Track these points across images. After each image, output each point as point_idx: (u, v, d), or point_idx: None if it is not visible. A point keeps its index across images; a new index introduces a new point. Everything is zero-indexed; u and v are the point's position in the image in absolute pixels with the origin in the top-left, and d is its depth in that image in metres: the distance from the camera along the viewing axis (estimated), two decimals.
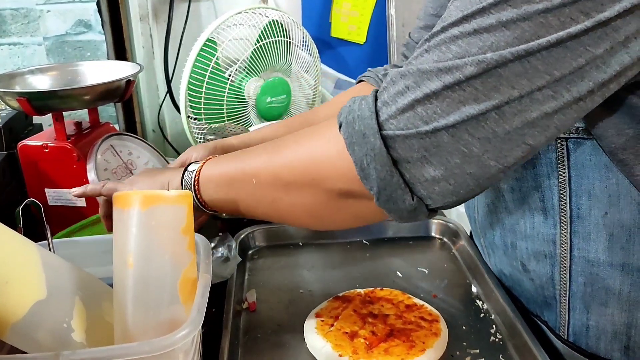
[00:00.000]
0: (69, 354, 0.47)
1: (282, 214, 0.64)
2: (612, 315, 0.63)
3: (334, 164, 0.56)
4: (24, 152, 0.96)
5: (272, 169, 0.61)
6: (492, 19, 0.47)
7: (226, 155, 0.68)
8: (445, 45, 0.49)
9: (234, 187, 0.64)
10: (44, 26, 1.37)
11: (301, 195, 0.59)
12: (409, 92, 0.51)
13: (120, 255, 0.56)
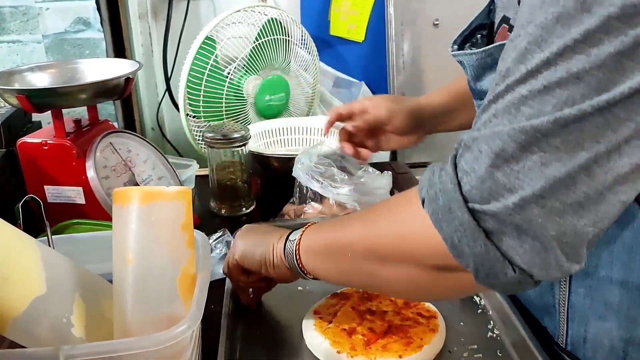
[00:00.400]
0: (69, 348, 0.47)
1: (380, 286, 0.63)
2: (610, 329, 0.62)
3: (424, 242, 0.53)
4: (23, 150, 0.96)
5: (366, 242, 0.60)
6: (562, 71, 0.43)
7: (324, 224, 0.68)
8: (514, 107, 0.46)
9: (331, 259, 0.64)
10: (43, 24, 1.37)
11: (397, 269, 0.57)
12: (482, 156, 0.47)
13: (120, 252, 0.57)
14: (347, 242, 0.61)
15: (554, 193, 0.45)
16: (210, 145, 1.08)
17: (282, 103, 1.40)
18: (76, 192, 0.96)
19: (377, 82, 1.60)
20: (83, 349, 0.48)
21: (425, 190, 0.52)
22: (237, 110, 1.34)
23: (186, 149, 1.46)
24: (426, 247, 0.53)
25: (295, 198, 1.06)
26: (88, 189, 0.93)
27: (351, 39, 1.57)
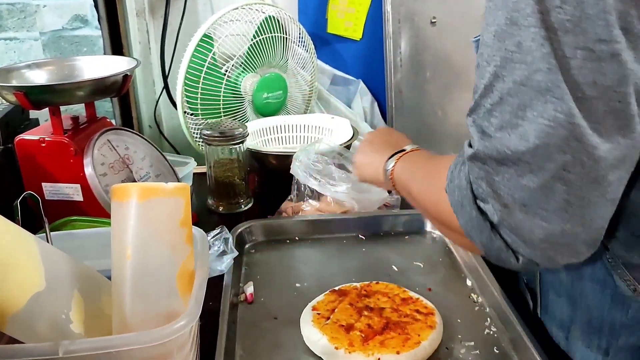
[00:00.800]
0: (68, 343, 0.47)
1: None
2: (562, 305, 0.68)
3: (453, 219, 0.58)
4: (21, 147, 0.96)
5: (420, 206, 0.69)
6: (509, 82, 0.48)
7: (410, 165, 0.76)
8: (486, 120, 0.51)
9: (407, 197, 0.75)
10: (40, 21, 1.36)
11: (446, 231, 0.64)
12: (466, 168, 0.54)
13: (119, 248, 0.57)
14: (414, 194, 0.70)
15: (534, 201, 0.49)
16: (208, 142, 1.08)
17: (280, 101, 1.40)
18: (74, 189, 0.96)
19: (375, 80, 1.60)
20: (82, 344, 0.48)
21: (448, 180, 0.58)
22: (235, 107, 1.34)
23: (184, 146, 1.46)
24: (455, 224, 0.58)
25: (293, 195, 1.06)
26: (86, 186, 0.93)
27: (349, 36, 1.57)
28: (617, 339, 0.62)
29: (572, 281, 0.65)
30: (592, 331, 0.64)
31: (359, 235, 0.98)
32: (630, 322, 0.59)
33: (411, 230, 0.99)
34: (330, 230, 0.99)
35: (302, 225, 0.99)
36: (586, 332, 0.65)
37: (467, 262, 0.88)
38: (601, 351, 0.64)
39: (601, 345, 0.64)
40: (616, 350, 0.62)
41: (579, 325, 0.66)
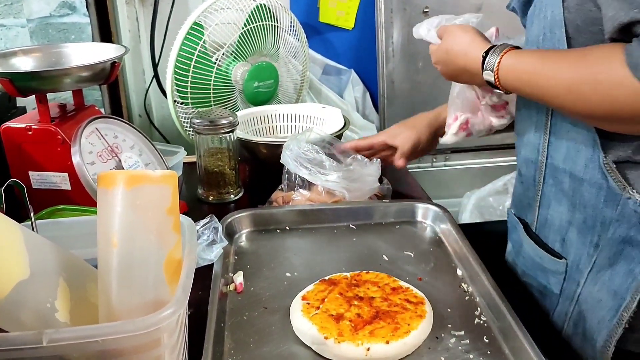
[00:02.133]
0: (52, 332, 0.47)
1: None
2: (562, 212, 0.78)
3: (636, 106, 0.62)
4: (7, 135, 0.94)
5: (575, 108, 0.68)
6: None
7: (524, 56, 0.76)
8: None
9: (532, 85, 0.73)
10: (27, 8, 1.34)
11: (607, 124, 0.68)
12: None
13: (105, 235, 0.56)
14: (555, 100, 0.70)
15: None
16: (198, 131, 1.07)
17: (271, 90, 1.39)
18: (61, 177, 0.95)
19: (367, 70, 1.59)
20: (66, 333, 0.47)
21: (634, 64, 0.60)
22: (226, 97, 1.32)
23: (174, 135, 1.45)
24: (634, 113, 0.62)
25: (283, 185, 1.05)
26: (73, 174, 0.92)
27: (340, 26, 1.57)
28: (606, 232, 0.71)
29: (573, 189, 0.75)
30: (586, 228, 0.74)
31: (350, 225, 0.98)
32: (618, 217, 0.69)
33: (402, 220, 0.99)
34: (321, 220, 0.98)
35: (293, 215, 0.98)
36: (581, 230, 0.75)
37: (457, 252, 0.88)
38: (592, 245, 0.74)
39: (593, 240, 0.74)
40: (605, 242, 0.72)
41: (575, 226, 0.76)
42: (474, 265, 0.82)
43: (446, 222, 0.95)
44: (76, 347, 0.49)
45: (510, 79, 0.76)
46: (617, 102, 0.63)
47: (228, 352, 0.68)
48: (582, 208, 0.74)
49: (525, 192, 0.86)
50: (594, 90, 0.65)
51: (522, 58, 0.76)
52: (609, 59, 0.64)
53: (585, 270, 0.76)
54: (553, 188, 0.79)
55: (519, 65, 0.75)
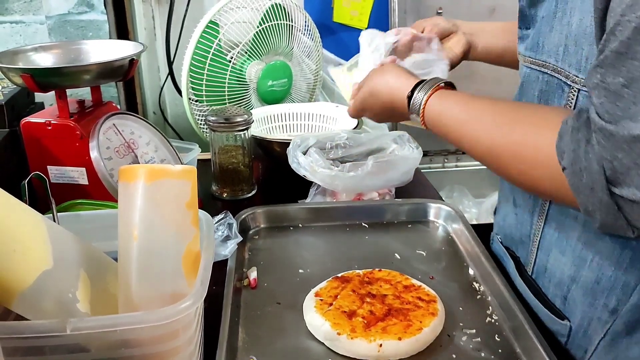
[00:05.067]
0: (76, 321, 0.48)
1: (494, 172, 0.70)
2: (565, 264, 0.69)
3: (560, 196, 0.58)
4: (26, 129, 0.96)
5: (491, 166, 0.66)
6: None
7: (451, 102, 0.72)
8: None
9: (455, 139, 0.71)
10: (46, 5, 1.36)
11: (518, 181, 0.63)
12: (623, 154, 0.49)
13: (126, 228, 0.57)
14: (475, 140, 0.67)
15: None
16: (213, 129, 1.09)
17: (285, 89, 1.40)
18: (79, 172, 0.96)
19: None
20: (89, 322, 0.49)
21: (569, 161, 0.54)
22: (240, 95, 1.34)
23: (187, 132, 1.46)
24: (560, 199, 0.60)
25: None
26: (91, 169, 0.93)
27: (354, 26, 1.58)
28: (628, 297, 0.62)
29: (585, 242, 0.65)
30: (599, 291, 0.64)
31: (362, 223, 0.99)
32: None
33: (414, 219, 1.00)
34: (334, 218, 0.99)
35: (306, 212, 0.99)
36: (589, 291, 0.65)
37: (469, 252, 0.88)
38: (608, 310, 0.64)
39: (609, 305, 0.64)
40: (628, 309, 0.62)
41: (580, 285, 0.66)
42: (486, 264, 0.83)
43: (458, 222, 0.95)
44: (98, 336, 0.50)
45: (436, 125, 0.72)
46: (539, 181, 0.59)
47: (242, 347, 0.69)
48: (595, 267, 0.64)
49: (519, 227, 0.76)
50: (514, 165, 0.61)
51: (448, 103, 0.71)
52: (538, 134, 0.59)
53: (595, 338, 0.66)
54: (556, 234, 0.69)
55: (445, 112, 0.71)
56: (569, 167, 0.54)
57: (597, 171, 0.52)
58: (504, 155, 0.62)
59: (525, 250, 0.76)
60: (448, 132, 0.71)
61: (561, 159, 0.55)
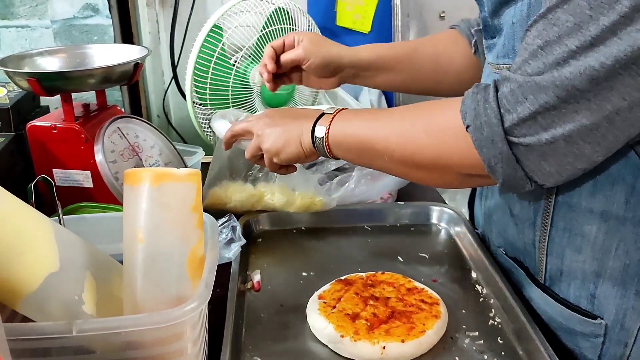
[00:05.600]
0: (82, 322, 0.48)
1: (411, 179, 0.79)
2: (584, 261, 0.68)
3: (463, 158, 0.63)
4: (32, 133, 0.97)
5: (405, 152, 0.68)
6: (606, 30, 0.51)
7: (355, 120, 0.74)
8: (563, 61, 0.54)
9: (365, 157, 0.74)
10: (51, 9, 1.37)
11: (431, 174, 0.69)
12: (527, 103, 0.57)
13: (131, 231, 0.58)
14: (384, 148, 0.70)
15: (580, 134, 0.56)
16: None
17: (288, 93, 1.40)
18: (84, 175, 0.97)
19: None
20: (95, 324, 0.49)
21: (471, 119, 0.61)
22: (243, 98, 1.34)
23: (191, 136, 1.47)
24: (464, 162, 0.64)
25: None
26: (96, 172, 0.94)
27: (357, 29, 1.58)
28: None
29: (606, 232, 0.65)
30: (628, 277, 0.65)
31: (365, 226, 0.99)
32: None
33: (417, 222, 1.00)
34: (336, 221, 0.99)
35: (309, 215, 0.99)
36: (620, 280, 0.65)
37: (471, 254, 0.89)
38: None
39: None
40: None
41: (607, 277, 0.66)
42: (488, 267, 0.83)
43: (461, 225, 0.96)
44: (103, 337, 0.51)
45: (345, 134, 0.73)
46: (446, 145, 0.64)
47: (246, 349, 0.70)
48: (622, 254, 0.64)
49: (521, 236, 0.75)
50: (425, 131, 0.66)
51: (353, 114, 0.75)
52: (445, 105, 0.66)
53: (634, 328, 0.66)
54: (566, 233, 0.68)
55: (352, 120, 0.73)
56: (472, 123, 0.61)
57: (495, 124, 0.59)
58: (414, 128, 0.67)
59: (532, 259, 0.75)
60: (356, 132, 0.73)
61: (464, 119, 0.62)
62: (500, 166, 0.60)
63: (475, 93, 0.62)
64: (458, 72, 0.94)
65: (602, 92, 0.53)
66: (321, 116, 0.76)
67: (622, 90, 0.53)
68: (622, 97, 0.53)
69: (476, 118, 0.60)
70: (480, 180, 0.67)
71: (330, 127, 0.74)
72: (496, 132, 0.59)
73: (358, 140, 0.72)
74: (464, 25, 0.95)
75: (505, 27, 0.68)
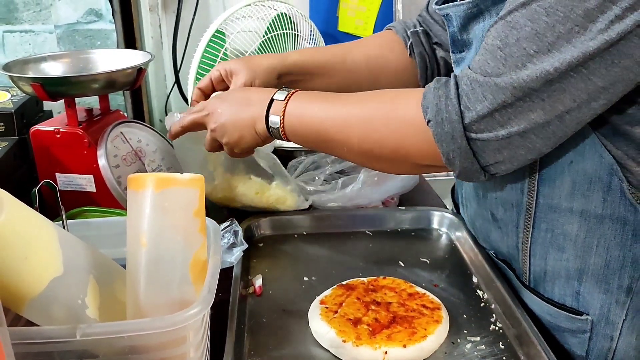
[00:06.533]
0: (85, 327, 0.49)
1: (366, 167, 0.83)
2: (567, 260, 0.70)
3: (423, 151, 0.66)
4: (36, 137, 0.97)
5: (364, 144, 0.70)
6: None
7: (310, 107, 0.74)
8: (520, 63, 0.57)
9: (323, 146, 0.75)
10: (55, 14, 1.38)
11: (390, 164, 0.72)
12: (487, 102, 0.60)
13: (134, 235, 0.58)
14: (343, 139, 0.71)
15: (533, 131, 0.60)
16: None
17: None
18: (87, 180, 0.97)
19: None
20: (99, 328, 0.50)
21: (432, 114, 0.64)
22: None
23: None
24: (424, 155, 0.67)
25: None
26: (99, 177, 0.94)
27: (359, 35, 1.58)
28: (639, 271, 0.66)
29: (586, 230, 0.67)
30: (610, 273, 0.68)
31: (367, 231, 0.99)
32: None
33: (418, 227, 1.00)
34: (338, 226, 1.00)
35: (310, 220, 1.00)
36: (603, 276, 0.68)
37: (472, 259, 0.89)
38: (622, 290, 0.67)
39: (622, 284, 0.67)
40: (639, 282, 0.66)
41: (590, 274, 0.69)
42: (489, 272, 0.83)
43: (461, 230, 0.96)
44: (106, 342, 0.51)
45: (301, 115, 0.73)
46: (406, 138, 0.67)
47: (248, 354, 0.70)
48: (602, 251, 0.67)
49: (505, 239, 0.77)
50: (386, 124, 0.68)
51: (310, 95, 0.74)
52: (405, 98, 0.68)
53: (618, 322, 0.68)
54: (549, 234, 0.70)
55: (311, 100, 0.73)
56: (433, 119, 0.63)
57: (456, 120, 0.62)
58: (377, 118, 0.69)
59: (516, 261, 0.77)
60: (313, 119, 0.72)
61: (425, 114, 0.64)
62: (458, 159, 0.64)
63: (436, 88, 0.64)
64: (395, 72, 0.96)
65: (555, 93, 0.57)
66: (272, 102, 0.75)
67: (574, 92, 0.57)
68: (572, 99, 0.57)
69: (437, 114, 0.63)
70: (436, 169, 0.70)
71: (284, 116, 0.74)
72: (456, 128, 0.62)
73: (315, 129, 0.73)
74: (400, 27, 0.97)
75: (476, 41, 0.70)
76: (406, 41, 0.95)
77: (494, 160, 0.63)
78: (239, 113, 0.78)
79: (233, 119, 0.78)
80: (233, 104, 0.80)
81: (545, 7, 0.55)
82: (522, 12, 0.57)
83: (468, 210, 0.88)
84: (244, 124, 0.77)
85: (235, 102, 0.80)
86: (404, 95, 0.69)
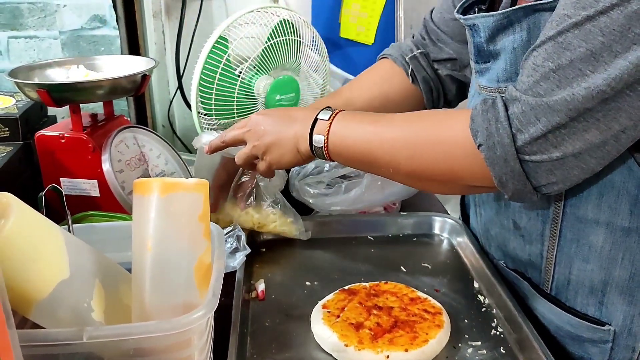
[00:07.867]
0: (92, 329, 0.49)
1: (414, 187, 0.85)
2: (592, 271, 0.70)
3: (473, 174, 0.66)
4: (40, 142, 0.98)
5: (412, 166, 0.69)
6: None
7: (354, 127, 0.73)
8: (573, 80, 0.56)
9: (367, 167, 0.75)
10: (60, 20, 1.39)
11: (440, 185, 0.71)
12: (540, 124, 0.59)
13: (140, 239, 0.59)
14: (390, 161, 0.71)
15: (588, 151, 0.59)
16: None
17: (292, 103, 1.41)
18: (91, 184, 0.98)
19: None
20: (105, 331, 0.50)
21: (483, 138, 0.63)
22: (248, 109, 1.35)
23: None
24: (474, 178, 0.66)
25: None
26: (103, 182, 0.95)
27: (361, 41, 1.59)
28: None
29: (612, 243, 0.67)
30: (635, 285, 0.68)
31: (368, 236, 1.00)
32: None
33: (419, 232, 1.01)
34: (340, 231, 1.00)
35: (312, 225, 1.00)
36: (627, 288, 0.68)
37: (474, 265, 0.90)
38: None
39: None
40: None
41: (615, 285, 0.69)
42: (491, 277, 0.84)
43: (463, 235, 0.96)
44: (112, 344, 0.52)
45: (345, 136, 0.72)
46: (456, 161, 0.66)
47: (250, 357, 0.70)
48: (628, 263, 0.67)
49: (527, 249, 0.76)
50: (434, 148, 0.67)
51: (354, 115, 0.73)
52: (452, 121, 0.67)
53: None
54: (574, 244, 0.70)
55: (354, 121, 0.72)
56: (484, 143, 0.62)
57: (508, 144, 0.61)
58: (423, 142, 0.68)
59: (536, 270, 0.76)
60: (358, 140, 0.72)
61: (476, 138, 0.63)
62: (510, 182, 0.63)
63: (484, 111, 0.63)
64: (399, 105, 0.95)
65: (611, 112, 0.56)
66: (315, 121, 0.75)
67: (630, 110, 0.56)
68: (629, 118, 0.56)
69: (489, 138, 0.62)
70: (488, 189, 0.69)
71: (329, 136, 0.74)
72: (509, 152, 0.61)
73: (360, 150, 0.73)
74: (397, 53, 0.96)
75: (505, 53, 0.69)
76: (406, 69, 0.94)
77: (547, 181, 0.62)
78: (282, 131, 0.78)
79: (276, 137, 0.78)
80: (276, 121, 0.80)
81: (601, 27, 0.54)
82: (575, 32, 0.56)
83: (481, 218, 0.87)
84: (287, 142, 0.77)
85: (278, 120, 0.80)
86: (450, 117, 0.68)
